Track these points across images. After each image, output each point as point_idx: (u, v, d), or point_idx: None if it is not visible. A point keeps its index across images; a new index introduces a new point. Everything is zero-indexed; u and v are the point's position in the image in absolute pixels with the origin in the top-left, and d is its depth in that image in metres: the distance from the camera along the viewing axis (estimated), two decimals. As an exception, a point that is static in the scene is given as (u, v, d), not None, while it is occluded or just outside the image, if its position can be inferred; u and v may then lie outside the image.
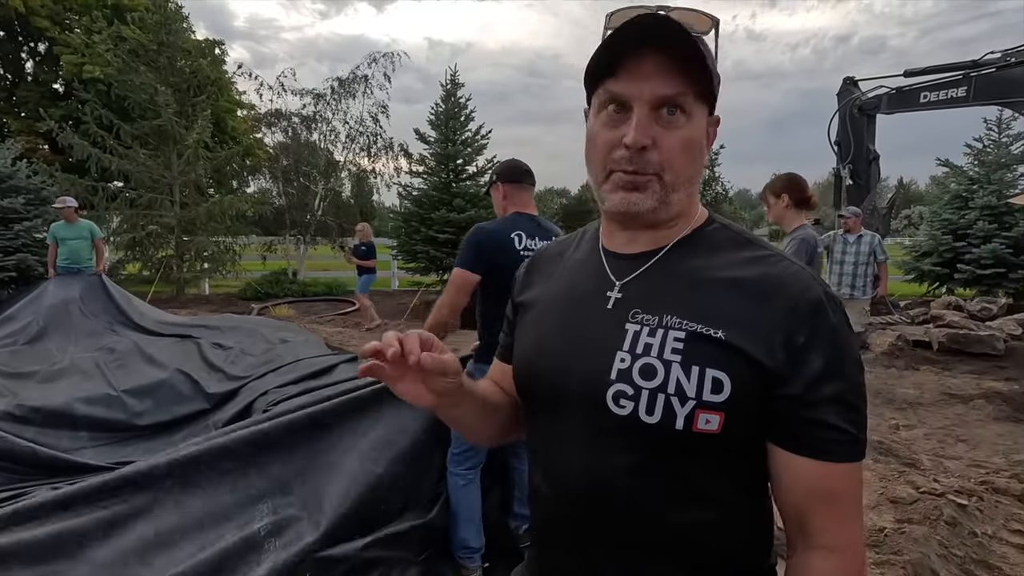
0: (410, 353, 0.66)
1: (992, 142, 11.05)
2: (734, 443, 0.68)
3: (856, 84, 8.62)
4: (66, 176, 10.86)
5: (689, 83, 0.69)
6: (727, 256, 0.73)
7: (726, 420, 0.66)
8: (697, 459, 0.69)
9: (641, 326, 0.71)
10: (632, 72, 0.69)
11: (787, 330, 0.66)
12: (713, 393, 0.66)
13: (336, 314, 9.90)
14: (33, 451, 2.87)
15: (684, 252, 0.75)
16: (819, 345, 0.66)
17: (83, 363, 3.59)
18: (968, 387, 5.32)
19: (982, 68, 7.29)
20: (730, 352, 0.66)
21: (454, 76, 11.80)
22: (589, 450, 0.73)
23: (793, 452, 0.67)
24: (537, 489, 0.81)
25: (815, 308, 0.67)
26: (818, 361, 0.65)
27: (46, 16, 16.97)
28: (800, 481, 0.68)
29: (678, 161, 0.70)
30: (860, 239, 5.69)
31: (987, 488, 3.02)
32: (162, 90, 11.23)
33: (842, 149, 8.64)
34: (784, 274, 0.70)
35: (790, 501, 0.70)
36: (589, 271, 0.81)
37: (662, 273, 0.74)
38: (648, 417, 0.67)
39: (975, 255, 10.05)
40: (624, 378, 0.69)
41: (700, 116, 0.72)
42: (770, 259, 0.72)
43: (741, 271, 0.71)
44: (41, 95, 17.69)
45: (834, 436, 0.66)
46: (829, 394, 0.65)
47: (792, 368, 0.65)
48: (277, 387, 3.40)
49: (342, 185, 15.42)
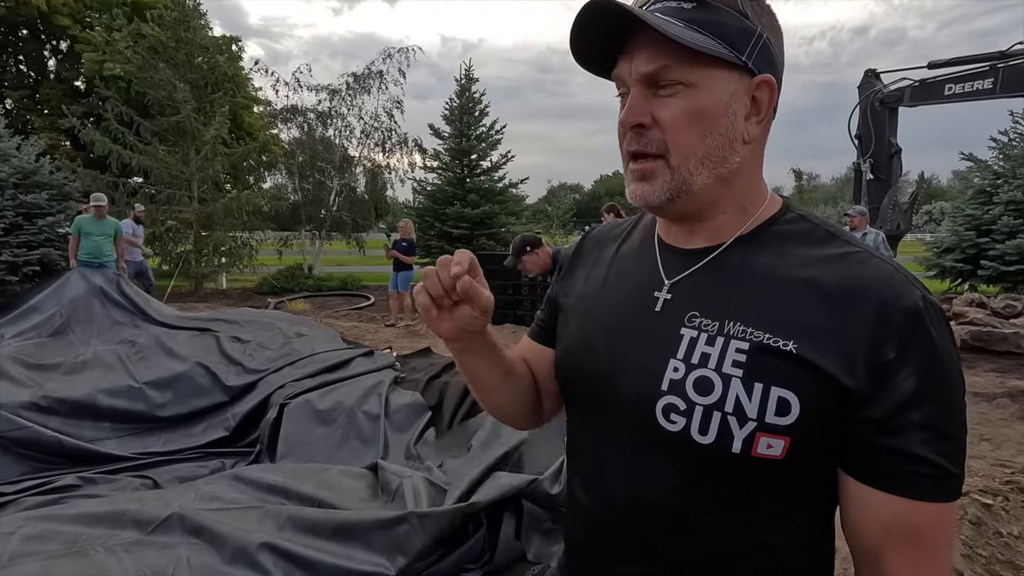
0: (458, 264, 0.64)
1: (1018, 135, 10.77)
2: (799, 470, 0.60)
3: (878, 76, 8.47)
4: (87, 172, 11.07)
5: (679, 53, 0.60)
6: (803, 253, 0.63)
7: (791, 446, 0.58)
8: (754, 485, 0.61)
9: (699, 332, 0.63)
10: (625, 53, 0.65)
11: (873, 343, 0.56)
12: (778, 415, 0.57)
13: (351, 308, 9.97)
14: (59, 441, 2.94)
15: (751, 248, 0.66)
16: (913, 362, 0.56)
17: (106, 355, 3.66)
18: (992, 385, 5.21)
19: (1010, 59, 7.12)
20: (802, 368, 0.57)
21: (468, 71, 11.81)
22: (634, 463, 0.66)
23: (869, 485, 0.58)
24: (575, 497, 0.76)
25: (910, 317, 0.56)
26: (910, 381, 0.56)
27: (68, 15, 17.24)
28: (875, 518, 0.59)
29: (682, 136, 0.62)
30: (864, 237, 5.91)
31: (1012, 488, 2.97)
32: (180, 87, 11.38)
33: (863, 143, 8.50)
34: (873, 275, 0.59)
35: (862, 539, 0.61)
36: (642, 264, 0.73)
37: (724, 272, 0.66)
38: (701, 437, 0.60)
39: (999, 251, 9.82)
40: (676, 390, 0.62)
41: (714, 83, 0.62)
42: (857, 256, 0.61)
43: (820, 271, 0.61)
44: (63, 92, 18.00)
45: (920, 470, 0.56)
46: (919, 420, 0.56)
47: (876, 388, 0.56)
48: (294, 380, 3.44)
49: (357, 180, 15.50)
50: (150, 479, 2.84)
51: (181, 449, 3.19)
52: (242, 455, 3.13)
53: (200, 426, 3.36)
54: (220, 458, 3.12)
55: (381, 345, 5.43)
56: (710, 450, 0.60)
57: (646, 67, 0.62)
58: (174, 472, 2.94)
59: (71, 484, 2.66)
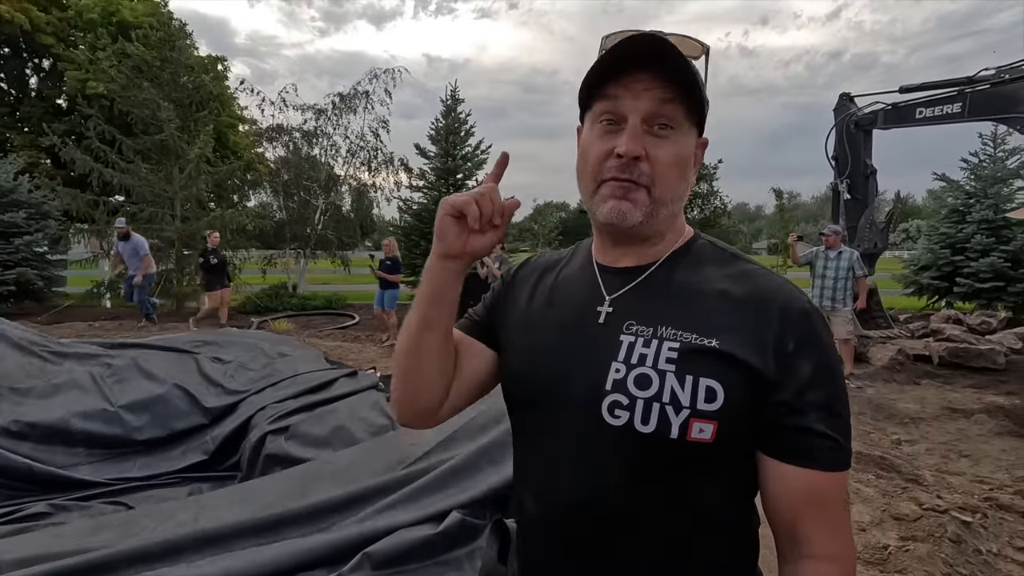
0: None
1: (988, 157, 11.13)
2: (725, 452, 0.69)
3: (852, 100, 8.71)
4: (67, 190, 10.91)
5: (680, 101, 0.71)
6: (715, 270, 0.76)
7: (719, 428, 0.67)
8: (691, 469, 0.69)
9: (636, 337, 0.72)
10: (627, 87, 0.71)
11: (778, 337, 0.68)
12: (707, 402, 0.67)
13: (335, 328, 9.87)
14: (28, 467, 2.85)
15: (674, 266, 0.77)
16: (807, 352, 0.68)
17: (81, 378, 3.57)
18: (969, 401, 5.29)
19: (977, 84, 7.38)
20: (724, 361, 0.68)
21: (454, 92, 11.93)
22: (582, 463, 0.72)
23: (782, 460, 0.69)
24: (527, 511, 0.80)
25: (802, 317, 0.70)
26: (807, 367, 0.68)
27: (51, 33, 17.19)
28: (789, 490, 0.69)
29: (668, 174, 0.72)
30: (840, 255, 6.01)
31: (991, 505, 3.00)
32: (165, 105, 11.31)
33: (839, 164, 8.70)
34: (771, 286, 0.72)
35: (780, 510, 0.70)
36: (582, 285, 0.81)
37: (654, 287, 0.76)
38: (643, 427, 0.68)
39: (973, 269, 10.07)
40: (619, 388, 0.70)
41: (689, 135, 0.74)
42: (756, 272, 0.75)
43: (730, 284, 0.73)
44: (44, 110, 17.85)
45: (821, 443, 0.67)
46: (816, 401, 0.67)
47: (782, 374, 0.67)
48: (276, 402, 3.38)
49: (342, 199, 15.48)
50: (124, 505, 2.76)
51: (158, 474, 3.11)
52: (221, 479, 3.06)
53: (178, 449, 3.28)
54: (199, 482, 3.05)
55: (365, 365, 5.38)
56: (651, 439, 0.68)
57: (656, 107, 0.71)
58: (149, 498, 2.86)
59: (42, 512, 2.58)
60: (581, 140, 0.79)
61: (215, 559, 1.76)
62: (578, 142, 0.81)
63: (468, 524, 1.90)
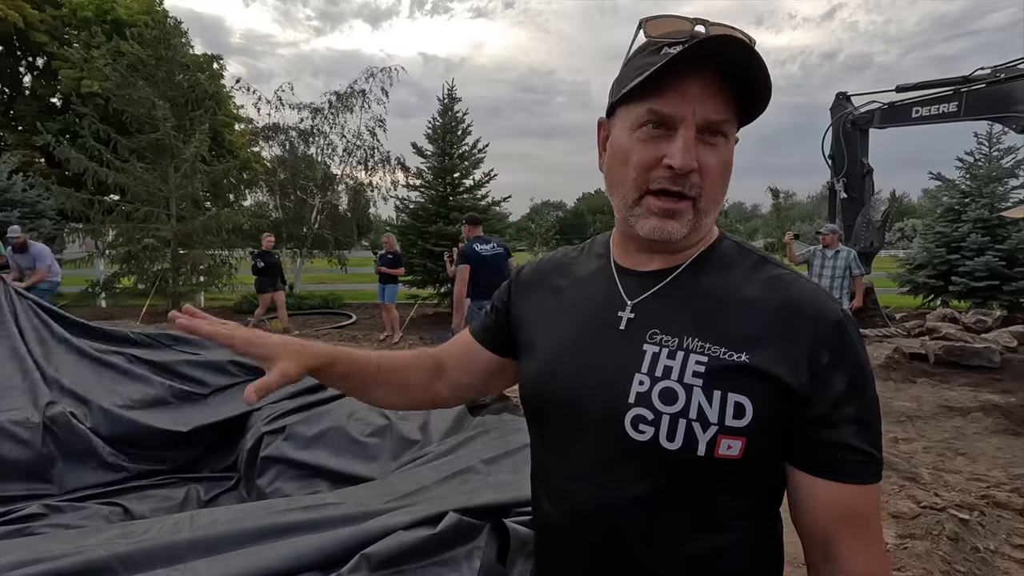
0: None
1: (983, 156, 11.18)
2: (754, 468, 0.66)
3: (849, 99, 8.73)
4: (62, 189, 10.84)
5: (736, 108, 0.66)
6: (743, 275, 0.71)
7: (747, 445, 0.64)
8: (716, 485, 0.67)
9: (660, 347, 0.68)
10: (680, 91, 0.64)
11: (811, 350, 0.65)
12: (735, 418, 0.64)
13: (332, 327, 9.85)
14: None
15: (699, 271, 0.73)
16: (842, 365, 0.65)
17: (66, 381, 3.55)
18: (965, 400, 5.31)
19: (972, 84, 7.40)
20: (754, 376, 0.64)
21: (451, 90, 11.89)
22: (603, 476, 0.70)
23: (814, 475, 0.66)
24: (545, 515, 0.78)
25: (837, 327, 0.66)
26: (841, 381, 0.64)
27: (45, 31, 17.09)
28: (821, 504, 0.66)
29: (716, 185, 0.68)
30: (837, 254, 6.01)
31: (988, 502, 3.01)
32: (160, 104, 11.25)
33: (836, 163, 8.72)
34: (803, 293, 0.68)
35: (812, 525, 0.67)
36: (600, 287, 0.77)
37: (678, 292, 0.72)
38: (669, 443, 0.65)
39: (969, 267, 10.11)
40: (643, 402, 0.67)
41: (732, 141, 0.70)
42: (787, 278, 0.70)
43: (760, 291, 0.69)
44: (39, 109, 17.74)
45: (855, 457, 0.65)
46: (850, 415, 0.64)
47: (815, 388, 0.64)
48: (272, 402, 3.36)
49: (339, 198, 15.44)
50: (120, 506, 2.74)
51: (152, 472, 3.09)
52: (216, 480, 3.04)
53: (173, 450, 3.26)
54: (193, 483, 3.03)
55: (362, 365, 5.35)
56: (677, 455, 0.65)
57: (715, 115, 0.65)
58: (144, 498, 2.84)
59: (36, 513, 2.55)
60: (614, 139, 0.72)
61: (211, 560, 1.75)
62: (600, 137, 0.76)
63: (466, 524, 1.90)
